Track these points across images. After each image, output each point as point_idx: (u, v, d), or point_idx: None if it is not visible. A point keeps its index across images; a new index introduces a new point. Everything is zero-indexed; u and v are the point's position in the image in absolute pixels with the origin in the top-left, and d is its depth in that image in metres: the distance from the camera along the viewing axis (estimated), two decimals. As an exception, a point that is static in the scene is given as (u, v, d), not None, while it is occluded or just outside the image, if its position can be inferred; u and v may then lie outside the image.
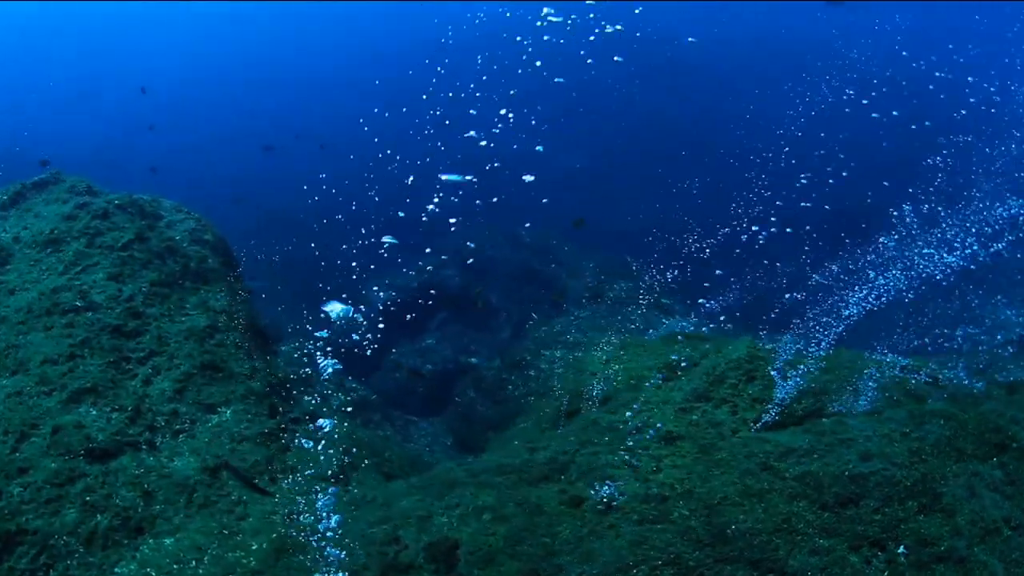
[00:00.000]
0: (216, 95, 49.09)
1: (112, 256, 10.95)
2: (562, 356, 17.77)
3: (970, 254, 9.07)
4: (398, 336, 21.02)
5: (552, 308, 20.35)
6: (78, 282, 10.45)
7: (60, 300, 10.13)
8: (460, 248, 23.14)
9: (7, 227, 11.62)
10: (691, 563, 7.04)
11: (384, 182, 25.93)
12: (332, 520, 8.89)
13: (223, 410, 10.60)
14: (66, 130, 41.59)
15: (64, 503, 8.46)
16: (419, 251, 22.16)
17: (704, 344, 11.50)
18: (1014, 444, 7.91)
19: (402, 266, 22.47)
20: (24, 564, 7.82)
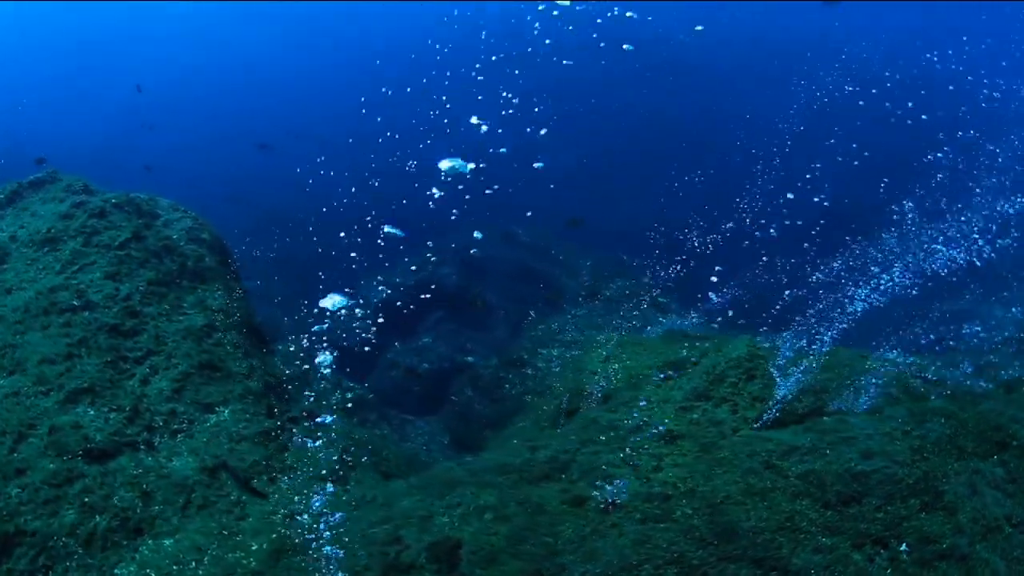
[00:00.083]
0: (212, 94, 48.84)
1: (109, 255, 10.87)
2: (559, 355, 17.74)
3: (969, 252, 9.09)
4: (394, 335, 20.94)
5: (549, 307, 20.31)
6: (75, 281, 10.37)
7: (57, 299, 10.05)
8: (457, 246, 23.06)
9: (4, 226, 11.53)
10: (695, 562, 7.04)
11: (385, 174, 25.76)
12: (332, 520, 8.86)
13: (221, 410, 10.55)
14: (62, 129, 41.30)
15: (63, 504, 8.39)
16: (420, 241, 21.89)
17: (704, 343, 11.51)
18: (1014, 442, 7.94)
19: (402, 257, 22.26)
20: (23, 565, 7.77)
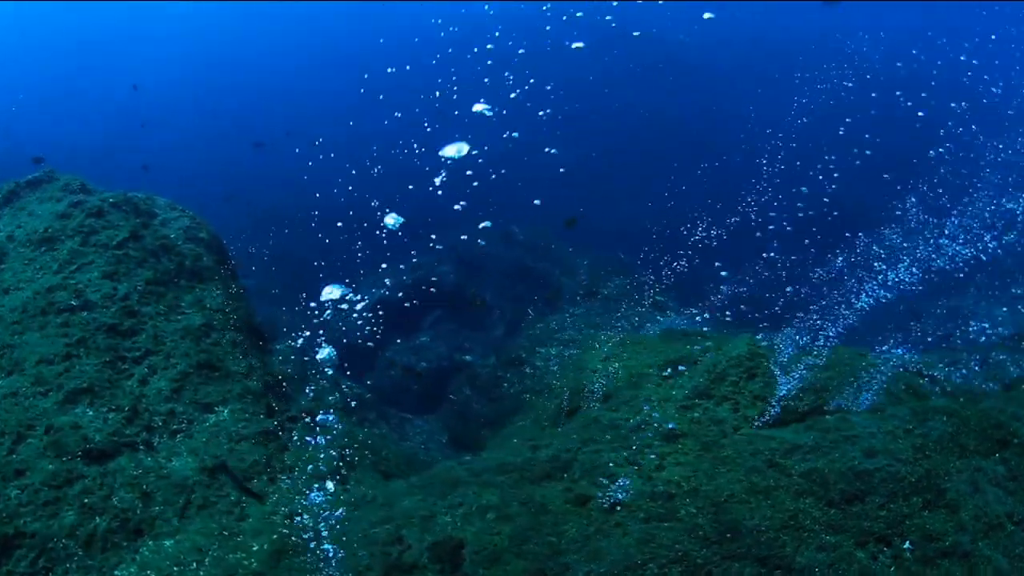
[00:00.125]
0: (209, 92, 48.63)
1: (107, 254, 10.81)
2: (557, 353, 17.73)
3: (974, 247, 9.11)
4: (393, 334, 20.91)
5: (547, 306, 20.30)
6: (73, 281, 10.31)
7: (55, 299, 9.99)
8: (461, 239, 23.00)
9: (1, 226, 11.45)
10: (699, 561, 7.04)
11: (386, 168, 25.58)
12: (333, 520, 8.84)
13: (220, 409, 10.50)
14: (59, 128, 41.13)
15: (62, 505, 8.34)
16: (423, 234, 21.66)
17: (704, 341, 11.51)
18: (1015, 440, 7.97)
19: (402, 252, 22.10)
20: (23, 567, 7.72)
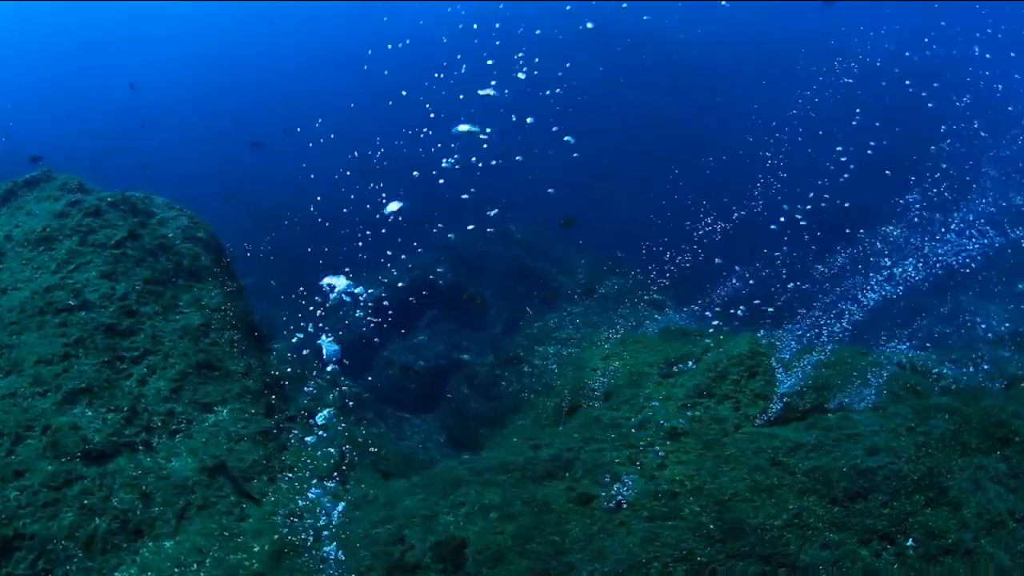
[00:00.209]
0: (208, 92, 48.49)
1: (105, 254, 10.73)
2: (555, 352, 17.70)
3: (979, 243, 9.14)
4: (390, 333, 20.85)
5: (545, 304, 20.28)
6: (71, 280, 10.23)
7: (53, 299, 9.91)
8: (451, 243, 22.96)
9: (-2, 225, 11.36)
10: (703, 559, 7.04)
11: (389, 157, 25.36)
12: (334, 520, 8.80)
13: (219, 409, 10.45)
14: (56, 127, 40.93)
15: (62, 506, 8.28)
16: (427, 224, 21.36)
17: (705, 340, 11.51)
18: (1016, 438, 7.99)
19: (403, 246, 21.90)
20: (23, 569, 7.66)
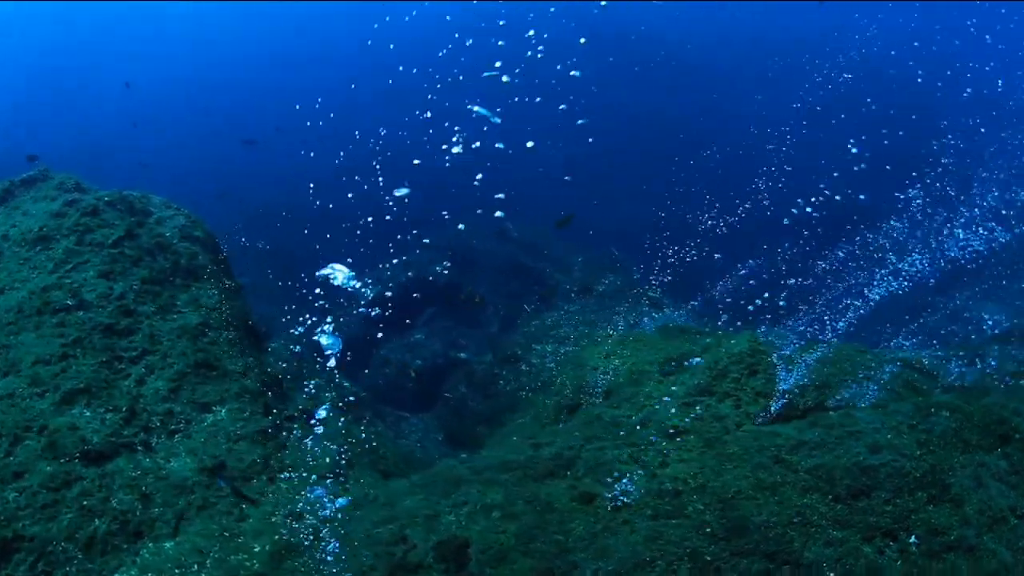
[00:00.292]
0: (200, 91, 48.27)
1: (102, 253, 10.66)
2: (553, 350, 17.72)
3: (975, 241, 9.17)
4: (387, 331, 20.82)
5: (542, 303, 20.28)
6: (68, 280, 10.15)
7: (51, 299, 9.84)
8: (448, 242, 22.92)
9: (-6, 225, 11.27)
10: (707, 557, 7.04)
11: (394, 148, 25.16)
12: (335, 519, 8.77)
13: (218, 409, 10.40)
14: (52, 126, 40.71)
15: (61, 508, 8.22)
16: (434, 205, 21.13)
17: (705, 338, 11.52)
18: (1017, 435, 8.02)
19: (401, 243, 21.79)
20: (23, 572, 7.60)
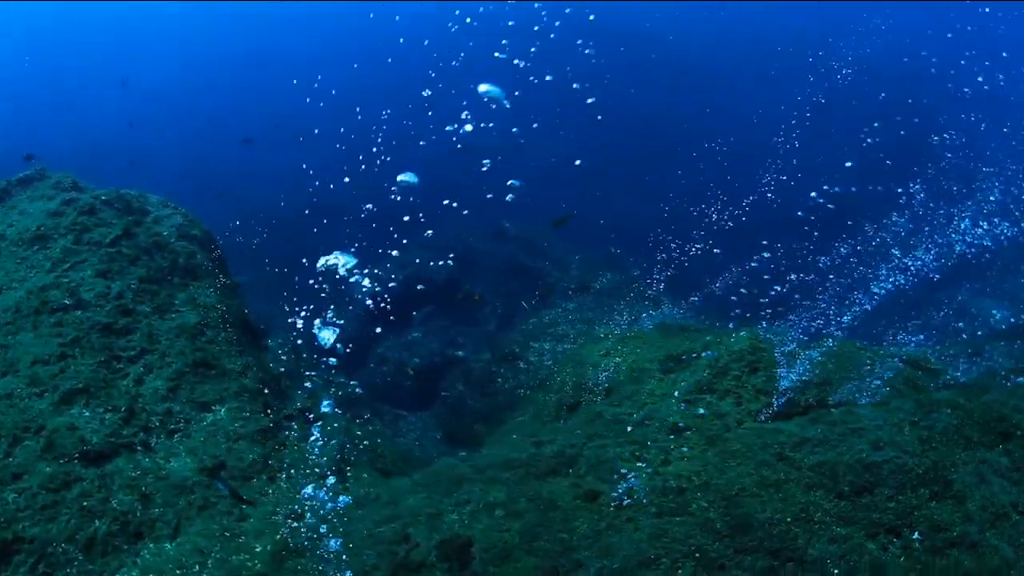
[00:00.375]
0: (197, 90, 48.03)
1: (100, 252, 10.59)
2: (551, 348, 17.71)
3: (977, 238, 9.20)
4: (385, 329, 20.77)
5: (540, 301, 20.28)
6: (66, 279, 10.09)
7: (49, 298, 9.77)
8: (446, 241, 22.88)
9: (-9, 224, 11.18)
10: (712, 554, 7.05)
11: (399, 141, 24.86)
12: (336, 519, 8.75)
13: (217, 408, 10.35)
14: (49, 125, 40.45)
15: (61, 509, 8.17)
16: (438, 197, 20.88)
17: (705, 336, 11.53)
18: (1018, 432, 8.06)
19: (400, 241, 21.62)
20: (23, 574, 7.55)
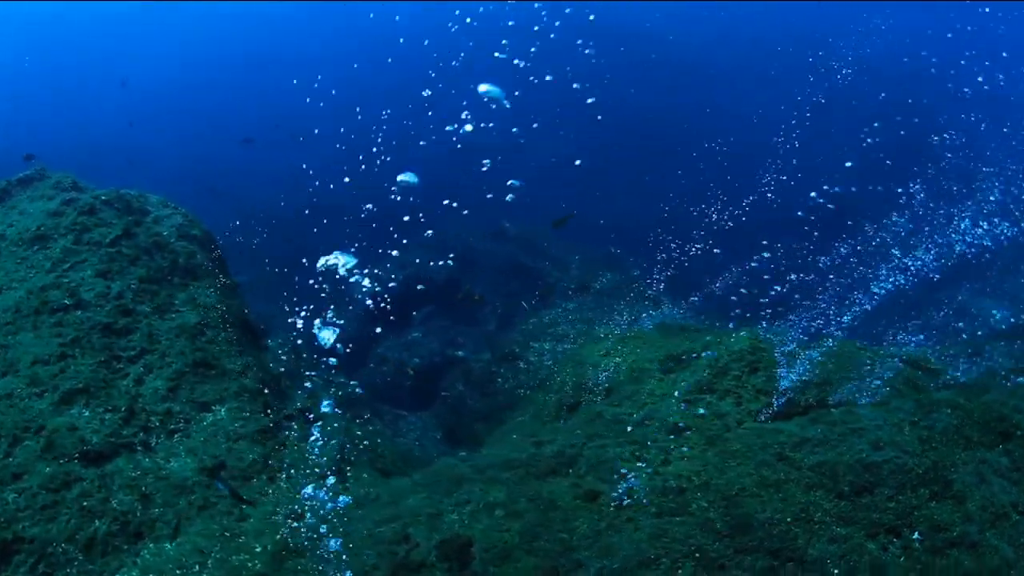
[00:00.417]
0: (197, 90, 48.03)
1: (100, 252, 10.59)
2: (551, 348, 17.71)
3: (977, 238, 9.21)
4: (384, 329, 20.78)
5: (539, 301, 20.28)
6: (66, 279, 10.09)
7: (49, 298, 9.77)
8: (445, 240, 22.88)
9: (-9, 224, 11.18)
10: (712, 555, 7.05)
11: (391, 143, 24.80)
12: (336, 519, 8.75)
13: (217, 408, 10.35)
14: (49, 125, 40.47)
15: (61, 509, 8.17)
16: (438, 197, 20.83)
17: (705, 336, 11.53)
18: (1018, 432, 8.06)
19: (400, 240, 21.57)
20: (23, 574, 7.55)
